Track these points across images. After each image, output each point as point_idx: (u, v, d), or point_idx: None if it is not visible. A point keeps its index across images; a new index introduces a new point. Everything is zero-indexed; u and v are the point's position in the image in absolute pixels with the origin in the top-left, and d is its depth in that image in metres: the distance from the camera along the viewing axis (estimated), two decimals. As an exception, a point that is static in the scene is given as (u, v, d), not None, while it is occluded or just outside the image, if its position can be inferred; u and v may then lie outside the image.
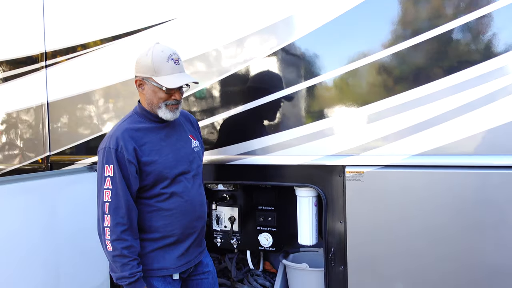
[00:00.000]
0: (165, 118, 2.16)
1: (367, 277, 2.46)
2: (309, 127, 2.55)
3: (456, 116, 2.24)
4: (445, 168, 2.28)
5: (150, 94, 2.13)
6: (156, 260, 2.14)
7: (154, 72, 2.09)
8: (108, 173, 2.02)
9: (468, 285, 2.26)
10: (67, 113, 3.33)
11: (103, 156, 2.06)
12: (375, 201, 2.41)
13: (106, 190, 2.01)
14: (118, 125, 2.16)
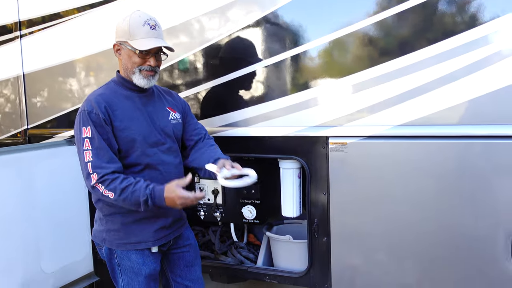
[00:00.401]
0: (139, 84, 2.14)
1: (351, 247, 2.46)
2: (292, 98, 2.51)
3: (439, 86, 2.22)
4: (429, 138, 2.26)
5: (125, 59, 2.13)
6: (133, 234, 2.14)
7: (130, 36, 2.09)
8: (86, 135, 2.01)
9: (450, 253, 2.27)
10: (45, 85, 3.23)
11: (79, 120, 2.06)
12: (358, 172, 2.39)
13: (86, 151, 2.00)
14: (94, 91, 2.17)
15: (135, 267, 2.16)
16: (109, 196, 1.98)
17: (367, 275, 2.44)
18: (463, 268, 2.25)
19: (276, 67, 2.54)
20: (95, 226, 2.27)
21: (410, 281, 2.36)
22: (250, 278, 2.80)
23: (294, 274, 2.68)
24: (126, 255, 2.16)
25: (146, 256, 2.18)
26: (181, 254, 2.36)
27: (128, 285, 2.19)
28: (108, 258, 2.23)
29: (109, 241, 2.18)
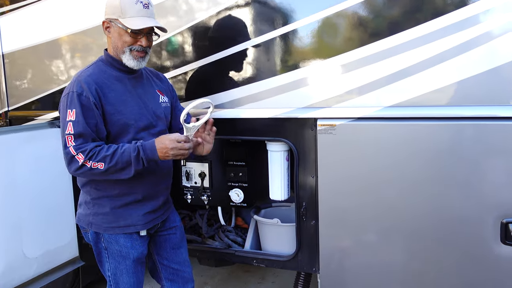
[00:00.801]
0: (129, 65, 2.08)
1: (339, 231, 2.43)
2: (280, 79, 2.44)
3: (430, 66, 2.16)
4: (419, 120, 2.21)
5: (115, 37, 2.06)
6: (122, 217, 2.11)
7: (121, 13, 2.02)
8: (70, 118, 1.93)
9: (440, 236, 2.24)
10: (26, 64, 3.14)
11: (66, 101, 1.98)
12: (347, 154, 2.34)
13: (68, 135, 1.93)
14: (82, 71, 2.07)
15: (123, 250, 2.13)
16: (99, 167, 1.93)
17: (356, 258, 2.42)
18: (452, 251, 2.23)
19: (264, 47, 2.47)
20: (80, 210, 2.21)
21: (399, 264, 2.34)
22: (238, 262, 2.77)
23: (282, 258, 2.65)
24: (114, 238, 2.12)
25: (134, 240, 2.15)
26: (168, 236, 2.33)
27: (115, 269, 2.16)
28: (94, 242, 2.19)
29: (96, 225, 2.13)
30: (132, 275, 2.17)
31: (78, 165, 1.93)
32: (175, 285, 2.39)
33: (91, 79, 2.01)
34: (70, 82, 2.03)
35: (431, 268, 2.28)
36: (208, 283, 3.82)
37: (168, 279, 2.39)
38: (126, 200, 2.10)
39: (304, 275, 2.73)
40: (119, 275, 2.16)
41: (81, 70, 2.09)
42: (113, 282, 2.18)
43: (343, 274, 2.47)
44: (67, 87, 2.03)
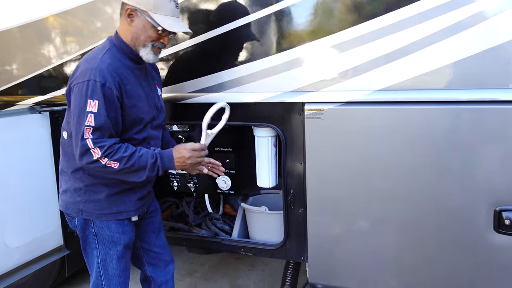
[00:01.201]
0: (146, 59, 2.04)
1: (328, 219, 2.35)
2: (266, 62, 2.34)
3: (424, 47, 2.06)
4: (410, 104, 2.12)
5: (139, 28, 1.99)
6: (115, 204, 2.08)
7: (153, 8, 1.95)
8: (91, 109, 1.85)
9: (432, 224, 2.17)
10: (8, 46, 3.00)
11: (86, 89, 1.87)
12: (335, 140, 2.26)
13: (87, 127, 1.85)
14: (100, 58, 1.95)
15: (114, 236, 2.10)
16: (113, 166, 1.88)
17: (345, 247, 2.35)
18: (445, 240, 2.16)
19: (248, 28, 2.36)
20: (66, 197, 2.14)
21: (391, 254, 2.27)
22: (225, 251, 2.70)
23: (270, 247, 2.58)
24: (106, 224, 2.09)
25: (125, 226, 2.13)
26: (150, 220, 2.32)
27: (105, 255, 2.12)
28: (81, 228, 2.13)
29: (88, 212, 2.08)
30: (122, 260, 2.15)
31: (92, 159, 1.88)
32: (157, 269, 2.38)
33: (112, 69, 1.92)
34: (87, 68, 1.90)
35: (424, 258, 2.21)
36: (198, 270, 3.77)
37: (150, 264, 2.37)
38: (123, 187, 2.07)
39: (293, 264, 2.66)
40: (108, 261, 2.12)
41: (94, 55, 1.97)
42: (102, 268, 2.14)
43: (332, 264, 2.40)
44: (83, 72, 1.90)
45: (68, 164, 2.09)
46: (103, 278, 2.14)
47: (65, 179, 2.14)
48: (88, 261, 2.21)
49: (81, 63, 1.98)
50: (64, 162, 2.12)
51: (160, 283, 2.42)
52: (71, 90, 1.94)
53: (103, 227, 2.09)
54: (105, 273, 2.14)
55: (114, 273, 2.14)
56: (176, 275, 3.64)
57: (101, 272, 2.14)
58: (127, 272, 2.23)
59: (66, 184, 2.13)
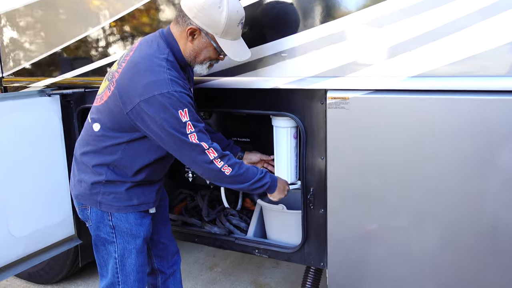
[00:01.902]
0: (199, 72, 2.01)
1: (350, 221, 2.07)
2: (283, 42, 2.06)
3: (473, 23, 1.71)
4: (453, 93, 1.78)
5: (199, 47, 1.89)
6: (136, 196, 1.98)
7: (221, 33, 1.84)
8: (186, 119, 1.76)
9: (474, 225, 1.86)
10: (23, 25, 2.86)
11: (170, 101, 1.73)
12: (362, 133, 1.96)
13: (191, 134, 1.78)
14: (166, 69, 1.78)
15: (133, 229, 1.99)
16: (226, 172, 1.85)
17: (370, 253, 2.07)
18: (489, 242, 1.84)
19: (263, 4, 2.08)
20: (81, 188, 1.99)
21: (421, 263, 1.97)
22: (238, 251, 2.47)
23: (287, 250, 2.33)
24: (125, 217, 1.98)
25: (144, 218, 2.03)
26: (158, 208, 2.17)
27: (123, 249, 2.00)
28: (96, 221, 1.99)
29: (107, 205, 1.96)
30: (140, 255, 2.04)
31: (210, 160, 1.82)
32: (164, 261, 2.32)
33: (178, 78, 1.81)
34: (154, 80, 1.74)
35: (466, 262, 1.90)
36: (219, 265, 3.58)
37: (157, 256, 2.30)
38: (143, 179, 1.98)
39: (314, 270, 2.40)
40: (127, 256, 2.01)
41: (152, 65, 1.79)
42: (119, 264, 2.01)
43: (355, 272, 2.13)
44: (147, 85, 1.74)
45: (92, 157, 1.95)
46: (120, 275, 2.02)
47: (83, 169, 1.99)
48: (100, 257, 2.07)
49: (138, 74, 1.78)
50: (88, 154, 1.96)
51: (168, 276, 2.33)
52: (141, 106, 1.76)
53: (122, 219, 1.98)
54: (122, 269, 2.02)
55: (133, 269, 2.03)
56: (196, 269, 3.48)
57: (118, 268, 2.02)
58: (145, 268, 2.11)
59: (83, 174, 1.99)
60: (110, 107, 1.87)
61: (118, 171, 1.93)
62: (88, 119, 2.00)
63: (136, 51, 1.88)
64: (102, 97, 1.93)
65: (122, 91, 1.81)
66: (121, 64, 1.88)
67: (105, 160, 1.92)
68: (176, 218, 2.68)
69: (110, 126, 1.89)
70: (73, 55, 2.75)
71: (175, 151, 1.83)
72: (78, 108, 2.72)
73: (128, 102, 1.79)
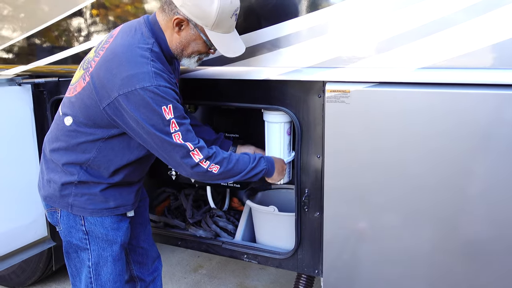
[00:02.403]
0: (187, 66, 1.81)
1: (349, 225, 1.90)
2: (277, 29, 1.87)
3: (486, 11, 1.54)
4: (463, 87, 1.61)
5: (187, 40, 1.70)
6: (112, 198, 1.80)
7: (212, 26, 1.65)
8: (170, 116, 1.58)
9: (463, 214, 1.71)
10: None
11: (153, 96, 1.55)
12: (364, 129, 1.78)
13: (175, 133, 1.60)
14: (150, 61, 1.59)
15: (109, 234, 1.81)
16: (213, 171, 1.70)
17: (370, 261, 1.90)
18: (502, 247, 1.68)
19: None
20: (50, 188, 1.79)
21: (429, 272, 1.80)
22: (225, 256, 2.28)
23: (279, 255, 2.15)
24: (100, 221, 1.79)
25: (121, 221, 1.84)
26: (137, 210, 2.00)
27: (98, 257, 1.81)
28: (67, 225, 1.79)
29: (79, 208, 1.76)
30: (118, 262, 1.85)
31: (194, 163, 1.65)
32: (144, 268, 2.13)
33: (163, 71, 1.63)
34: (135, 73, 1.55)
35: (471, 267, 1.74)
36: (204, 266, 3.40)
37: (137, 262, 2.11)
38: (120, 184, 1.80)
39: (305, 277, 2.22)
40: (102, 264, 1.82)
41: (135, 57, 1.59)
42: (93, 273, 1.81)
43: (353, 281, 1.96)
44: (127, 78, 1.55)
45: (62, 155, 1.74)
46: (94, 286, 1.83)
47: (52, 168, 1.79)
48: (72, 266, 1.87)
49: (117, 65, 1.58)
50: (58, 151, 1.75)
51: (147, 283, 2.14)
52: (119, 101, 1.57)
53: (96, 223, 1.78)
54: (97, 279, 1.82)
55: (109, 278, 1.84)
56: (180, 271, 3.29)
57: (93, 278, 1.82)
58: (123, 277, 1.90)
59: (52, 174, 1.78)
60: (84, 99, 1.67)
61: (92, 171, 1.73)
62: (59, 111, 1.79)
63: (116, 38, 1.68)
64: (75, 87, 1.72)
65: (99, 83, 1.61)
66: (99, 53, 1.68)
67: (78, 158, 1.72)
68: (158, 219, 2.48)
69: (83, 121, 1.68)
70: (47, 41, 2.52)
71: (157, 152, 1.66)
72: (51, 98, 2.51)
73: (105, 96, 1.59)
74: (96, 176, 1.74)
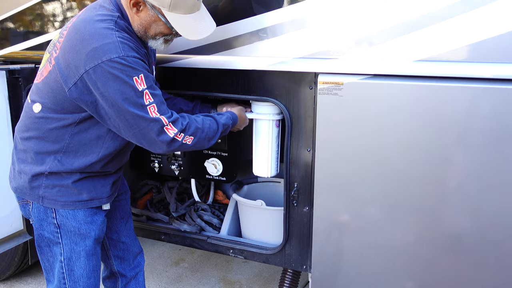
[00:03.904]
0: (154, 48, 1.73)
1: (339, 220, 1.86)
2: (268, 18, 1.79)
3: (484, 3, 1.50)
4: (463, 81, 1.57)
5: (147, 22, 1.62)
6: (86, 190, 1.72)
7: (169, 6, 1.56)
8: (142, 86, 1.51)
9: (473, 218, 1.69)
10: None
11: (122, 68, 1.48)
12: (356, 123, 1.74)
13: (150, 105, 1.53)
14: (115, 34, 1.52)
15: (82, 228, 1.72)
16: (187, 142, 1.63)
17: (360, 258, 1.86)
18: (488, 245, 1.67)
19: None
20: (21, 179, 1.71)
21: (421, 269, 1.78)
22: (210, 251, 2.22)
23: (266, 250, 2.10)
24: (72, 214, 1.71)
25: (95, 215, 1.76)
26: (118, 204, 1.96)
27: (70, 251, 1.73)
28: (38, 217, 1.71)
29: (50, 200, 1.68)
30: (92, 257, 1.77)
31: (169, 138, 1.58)
32: (125, 263, 2.05)
33: (131, 42, 1.56)
34: (101, 45, 1.47)
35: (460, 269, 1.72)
36: (186, 259, 3.33)
37: (117, 257, 2.04)
38: (95, 174, 1.72)
39: (291, 272, 2.18)
40: (75, 259, 1.74)
41: (97, 30, 1.51)
42: (66, 268, 1.73)
43: (341, 276, 1.92)
44: (93, 51, 1.47)
45: (34, 144, 1.65)
46: (67, 281, 1.75)
47: (23, 159, 1.70)
48: (45, 260, 1.78)
49: (80, 41, 1.50)
50: (29, 139, 1.66)
51: (129, 279, 2.06)
52: (86, 78, 1.50)
53: (68, 216, 1.70)
54: (70, 274, 1.74)
55: (82, 274, 1.76)
56: (161, 264, 3.22)
57: (65, 273, 1.74)
58: (98, 272, 1.82)
59: (23, 165, 1.69)
60: (50, 83, 1.58)
61: (65, 160, 1.64)
62: (28, 99, 1.69)
63: (79, 16, 1.60)
64: (42, 72, 1.64)
65: (63, 63, 1.53)
66: (63, 33, 1.60)
67: (50, 147, 1.63)
68: (140, 212, 2.40)
69: (51, 106, 1.60)
70: (23, 25, 2.40)
71: (129, 132, 1.57)
72: (27, 86, 2.38)
73: (69, 75, 1.51)
74: (69, 166, 1.65)
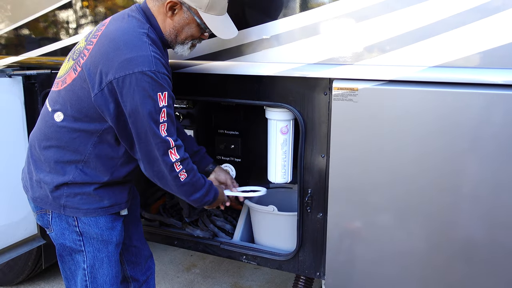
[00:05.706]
0: (180, 54, 1.76)
1: (353, 229, 1.85)
2: (282, 24, 1.80)
3: (503, 9, 1.50)
4: (481, 87, 1.56)
5: (181, 24, 1.66)
6: (107, 196, 1.72)
7: (206, 7, 1.61)
8: (163, 103, 1.54)
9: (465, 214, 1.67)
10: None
11: (151, 82, 1.50)
12: (371, 129, 1.73)
13: (162, 123, 1.55)
14: (148, 45, 1.55)
15: (104, 234, 1.73)
16: (181, 178, 1.63)
17: (375, 266, 1.85)
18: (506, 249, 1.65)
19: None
20: (40, 189, 1.70)
21: (425, 279, 1.76)
22: (223, 256, 2.22)
23: (279, 257, 2.09)
24: (94, 221, 1.71)
25: (115, 220, 1.77)
26: (129, 208, 1.91)
27: (94, 258, 1.74)
28: (59, 226, 1.71)
29: (72, 208, 1.68)
30: (113, 264, 1.78)
31: (170, 162, 1.59)
32: (137, 268, 2.05)
33: (161, 58, 1.58)
34: (134, 56, 1.50)
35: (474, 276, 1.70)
36: (197, 265, 3.33)
37: (130, 262, 2.03)
38: (115, 182, 1.73)
39: (304, 279, 2.17)
40: (98, 266, 1.75)
41: (132, 39, 1.54)
42: (89, 276, 1.74)
43: (355, 284, 1.91)
44: (125, 61, 1.49)
45: (54, 153, 1.65)
46: None
47: (42, 168, 1.69)
48: (67, 269, 1.78)
49: (114, 49, 1.52)
50: (50, 148, 1.66)
51: (141, 283, 2.07)
52: (113, 85, 1.51)
53: (91, 224, 1.70)
54: (93, 281, 1.75)
55: (105, 280, 1.76)
56: (172, 270, 3.22)
57: (88, 281, 1.75)
58: (118, 280, 1.84)
59: (43, 174, 1.68)
60: (75, 91, 1.59)
61: (88, 170, 1.65)
62: (47, 107, 1.69)
63: (109, 25, 1.62)
64: (65, 79, 1.64)
65: (93, 69, 1.53)
66: (91, 41, 1.60)
67: (71, 157, 1.64)
68: (153, 218, 2.40)
69: (75, 114, 1.60)
70: (39, 31, 2.43)
71: (137, 141, 1.58)
72: (43, 91, 2.41)
73: (97, 82, 1.52)
74: (92, 176, 1.65)
